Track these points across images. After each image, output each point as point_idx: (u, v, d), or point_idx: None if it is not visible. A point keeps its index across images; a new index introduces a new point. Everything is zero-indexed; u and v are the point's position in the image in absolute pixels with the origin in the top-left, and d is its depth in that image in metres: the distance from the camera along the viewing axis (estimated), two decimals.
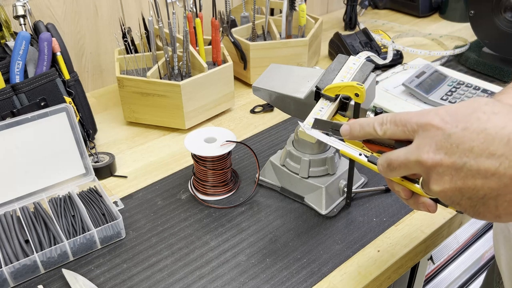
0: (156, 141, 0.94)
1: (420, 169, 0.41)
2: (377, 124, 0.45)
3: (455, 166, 0.39)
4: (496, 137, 0.37)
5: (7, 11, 0.85)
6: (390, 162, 0.44)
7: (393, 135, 0.44)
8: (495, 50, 1.13)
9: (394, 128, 0.44)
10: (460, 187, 0.39)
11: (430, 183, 0.41)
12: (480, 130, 0.38)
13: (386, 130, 0.45)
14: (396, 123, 0.44)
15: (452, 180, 0.39)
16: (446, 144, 0.39)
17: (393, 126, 0.44)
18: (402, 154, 0.43)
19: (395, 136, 0.44)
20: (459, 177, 0.39)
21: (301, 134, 0.72)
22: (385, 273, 0.66)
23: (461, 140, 0.38)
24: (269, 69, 0.76)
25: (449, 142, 0.39)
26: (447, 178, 0.39)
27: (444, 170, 0.39)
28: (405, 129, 0.43)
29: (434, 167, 0.40)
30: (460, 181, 0.39)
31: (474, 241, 1.13)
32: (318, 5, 1.54)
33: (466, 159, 0.38)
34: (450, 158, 0.39)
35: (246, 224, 0.73)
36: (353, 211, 0.75)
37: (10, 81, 0.79)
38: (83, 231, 0.69)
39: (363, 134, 0.47)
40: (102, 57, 1.11)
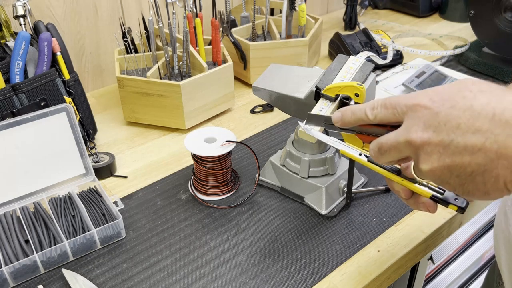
0: (156, 141, 0.94)
1: (410, 150, 0.42)
2: (368, 109, 0.46)
3: (443, 144, 0.39)
4: (482, 113, 0.38)
5: (7, 11, 0.85)
6: (381, 145, 0.44)
7: (383, 119, 0.45)
8: (495, 50, 1.13)
9: (385, 111, 0.44)
10: (449, 164, 0.39)
11: (419, 163, 0.41)
12: (466, 107, 0.39)
13: (376, 114, 0.45)
14: (386, 106, 0.44)
15: (441, 158, 0.39)
16: (434, 123, 0.40)
17: (383, 109, 0.44)
18: (392, 137, 0.43)
19: (385, 120, 0.45)
20: (447, 154, 0.39)
21: (301, 134, 0.72)
22: (385, 273, 0.66)
23: (448, 117, 0.39)
24: (269, 69, 0.76)
25: (437, 121, 0.39)
26: (435, 157, 0.40)
27: (432, 149, 0.40)
28: (395, 112, 0.43)
29: (422, 146, 0.40)
30: (448, 159, 0.39)
31: (474, 241, 1.13)
32: (318, 5, 1.54)
33: (453, 136, 0.38)
34: (438, 136, 0.39)
35: (246, 224, 0.73)
36: (353, 211, 0.75)
37: (10, 81, 0.79)
38: (83, 231, 0.69)
39: (354, 120, 0.48)
40: (102, 57, 1.11)
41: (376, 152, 0.45)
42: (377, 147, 0.45)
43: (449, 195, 0.48)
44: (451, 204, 0.48)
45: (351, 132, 0.51)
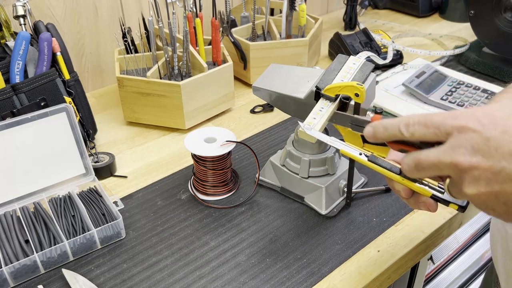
0: (156, 141, 0.94)
1: (453, 172, 0.40)
2: (403, 126, 0.43)
3: (493, 170, 0.37)
4: None
5: (7, 11, 0.85)
6: (419, 162, 0.42)
7: (422, 137, 0.42)
8: (495, 50, 1.13)
9: (424, 129, 0.42)
10: (497, 191, 0.38)
11: (463, 186, 0.40)
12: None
13: (414, 132, 0.43)
14: (427, 125, 0.41)
15: (489, 184, 0.38)
16: (484, 147, 0.38)
17: (422, 127, 0.42)
18: (433, 155, 0.41)
19: (424, 138, 0.42)
20: (496, 181, 0.38)
21: (301, 134, 0.72)
22: (385, 273, 0.66)
23: (500, 143, 0.37)
24: (269, 69, 0.76)
25: (487, 145, 0.38)
26: (483, 182, 0.38)
27: (480, 174, 0.38)
28: (437, 132, 0.41)
29: (470, 169, 0.38)
30: (498, 185, 0.38)
31: (474, 241, 1.13)
32: (318, 5, 1.54)
33: (505, 163, 0.37)
34: (488, 162, 0.38)
35: (246, 224, 0.73)
36: (353, 211, 0.75)
37: (10, 81, 0.79)
38: (83, 231, 0.69)
39: (387, 136, 0.46)
40: (102, 57, 1.11)
41: (412, 167, 0.43)
42: (414, 162, 0.43)
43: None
44: (452, 203, 0.48)
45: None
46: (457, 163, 0.39)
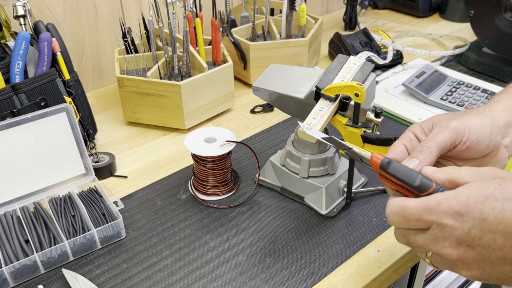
0: (156, 141, 0.94)
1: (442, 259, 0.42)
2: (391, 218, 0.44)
3: (482, 257, 0.39)
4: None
5: (7, 11, 0.85)
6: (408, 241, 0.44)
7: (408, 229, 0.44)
8: (495, 50, 1.13)
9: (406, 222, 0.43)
10: (489, 271, 0.40)
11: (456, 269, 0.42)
12: (498, 221, 0.38)
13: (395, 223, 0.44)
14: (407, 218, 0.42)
15: (480, 267, 0.40)
16: (467, 238, 0.39)
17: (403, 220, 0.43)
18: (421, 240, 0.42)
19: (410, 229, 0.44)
20: (487, 264, 0.39)
21: (301, 134, 0.72)
22: (385, 273, 0.66)
23: (482, 233, 0.39)
24: (269, 69, 0.76)
25: (470, 236, 0.39)
26: (474, 266, 0.40)
27: (470, 262, 0.40)
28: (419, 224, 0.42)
29: (458, 260, 0.40)
30: (489, 267, 0.39)
31: None
32: (318, 5, 1.54)
33: (491, 251, 0.39)
34: (474, 250, 0.39)
35: (246, 224, 0.73)
36: (353, 211, 0.75)
37: (10, 81, 0.79)
38: (83, 231, 0.69)
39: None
40: (102, 57, 1.11)
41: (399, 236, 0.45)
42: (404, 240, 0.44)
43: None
44: None
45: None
46: (445, 255, 0.41)
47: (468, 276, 0.41)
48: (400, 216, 0.43)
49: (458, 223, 0.39)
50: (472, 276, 0.41)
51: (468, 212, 0.39)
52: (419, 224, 0.42)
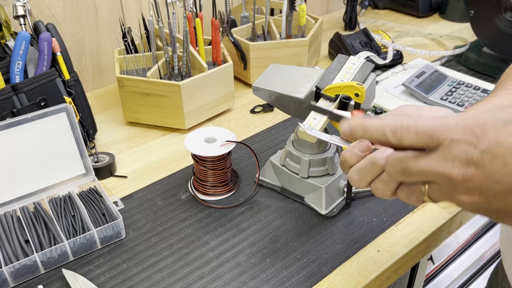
0: (156, 141, 0.94)
1: (444, 181, 0.39)
2: (390, 131, 0.41)
3: (487, 182, 0.37)
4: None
5: (7, 11, 0.85)
6: (407, 168, 0.40)
7: (411, 145, 0.40)
8: (495, 50, 1.13)
9: (415, 138, 0.40)
10: (490, 200, 0.38)
11: (457, 195, 0.39)
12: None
13: (402, 139, 0.40)
14: (418, 133, 0.39)
15: (483, 192, 0.38)
16: (478, 160, 0.37)
17: (413, 135, 0.40)
18: (424, 164, 0.39)
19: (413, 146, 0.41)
20: (489, 193, 0.37)
21: (301, 134, 0.72)
22: (385, 273, 0.66)
23: (494, 157, 0.37)
24: (269, 69, 0.76)
25: (481, 158, 0.37)
26: (477, 192, 0.38)
27: (474, 185, 0.38)
28: (429, 141, 0.39)
29: (463, 181, 0.38)
30: (491, 195, 0.37)
31: (474, 241, 1.13)
32: (318, 5, 1.54)
33: (499, 176, 0.37)
34: (482, 174, 0.37)
35: (246, 224, 0.73)
36: (353, 211, 0.75)
37: (10, 81, 0.79)
38: (83, 231, 0.69)
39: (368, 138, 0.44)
40: (102, 57, 1.11)
41: (398, 172, 0.41)
42: (401, 168, 0.41)
43: None
44: None
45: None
46: (450, 175, 0.38)
47: (467, 202, 0.39)
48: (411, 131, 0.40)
49: (472, 143, 0.37)
50: (472, 202, 0.38)
51: (484, 134, 0.37)
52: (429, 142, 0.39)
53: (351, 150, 0.47)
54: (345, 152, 0.47)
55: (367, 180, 0.46)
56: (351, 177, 0.48)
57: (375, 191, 0.47)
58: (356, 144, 0.46)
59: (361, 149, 0.46)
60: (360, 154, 0.46)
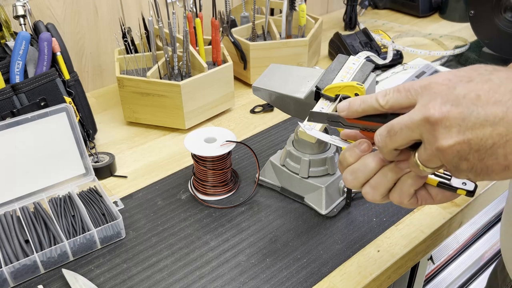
0: (156, 141, 0.94)
1: (425, 129, 0.40)
2: (380, 96, 0.44)
3: (463, 116, 0.38)
4: (501, 85, 0.37)
5: (7, 11, 0.85)
6: (391, 126, 0.42)
7: (395, 103, 0.43)
8: (495, 50, 1.13)
9: (397, 95, 0.43)
10: (469, 138, 0.38)
11: (437, 141, 0.39)
12: (484, 80, 0.38)
13: (388, 100, 0.43)
14: (399, 90, 0.43)
15: (460, 131, 0.38)
16: (452, 96, 0.39)
17: (396, 93, 0.43)
18: (406, 116, 0.41)
19: (398, 104, 0.43)
20: (467, 127, 0.38)
21: (301, 134, 0.72)
22: (385, 273, 0.66)
23: (467, 90, 0.38)
24: (269, 69, 0.76)
25: (455, 94, 0.38)
26: (455, 130, 0.38)
27: (451, 123, 0.38)
28: (408, 94, 0.42)
29: (441, 120, 0.39)
30: (469, 131, 0.38)
31: (474, 241, 1.13)
32: (318, 5, 1.54)
33: (474, 107, 0.37)
34: (457, 108, 0.38)
35: (246, 224, 0.73)
36: (353, 211, 0.75)
37: (10, 81, 0.79)
38: (83, 231, 0.69)
39: (363, 108, 0.46)
40: (102, 57, 1.11)
41: (385, 136, 0.43)
42: (386, 130, 0.43)
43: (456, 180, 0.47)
44: (460, 188, 0.47)
45: (356, 128, 0.49)
46: (428, 117, 0.39)
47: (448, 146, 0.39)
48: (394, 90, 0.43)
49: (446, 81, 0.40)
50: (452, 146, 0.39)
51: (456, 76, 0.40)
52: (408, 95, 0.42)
53: (352, 149, 0.48)
54: (345, 151, 0.48)
55: (360, 181, 0.47)
56: (345, 177, 0.49)
57: (365, 196, 0.48)
58: (357, 144, 0.47)
59: (362, 149, 0.47)
60: (360, 153, 0.47)
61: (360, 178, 0.47)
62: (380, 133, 0.44)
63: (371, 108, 0.45)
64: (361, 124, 0.48)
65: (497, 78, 0.38)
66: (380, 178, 0.46)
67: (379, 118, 0.46)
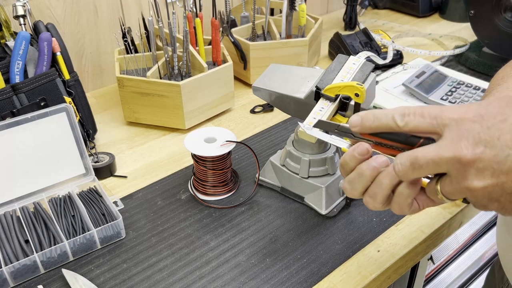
0: (156, 141, 0.94)
1: (453, 167, 0.38)
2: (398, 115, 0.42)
3: (498, 159, 0.36)
4: None
5: (7, 11, 0.85)
6: (416, 159, 0.40)
7: (416, 128, 0.41)
8: (495, 50, 1.13)
9: (420, 120, 0.40)
10: (503, 181, 0.37)
11: (468, 181, 0.38)
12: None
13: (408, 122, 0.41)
14: (424, 115, 0.40)
15: (494, 174, 0.37)
16: (486, 137, 0.37)
17: (418, 117, 0.40)
18: (432, 151, 0.39)
19: (418, 129, 0.41)
20: (502, 171, 0.36)
21: (301, 134, 0.72)
22: (385, 273, 0.66)
23: (502, 132, 0.36)
24: (269, 69, 0.76)
25: (489, 135, 0.37)
26: (488, 173, 0.37)
27: (485, 165, 0.37)
28: (433, 122, 0.39)
29: (474, 161, 0.37)
30: (503, 175, 0.36)
31: (474, 241, 1.13)
32: (318, 5, 1.54)
33: (509, 151, 0.36)
34: (492, 151, 0.36)
35: (246, 224, 0.73)
36: (353, 211, 0.75)
37: (10, 81, 0.79)
38: (83, 231, 0.69)
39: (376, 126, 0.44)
40: (102, 57, 1.11)
41: (407, 166, 0.40)
42: (410, 161, 0.40)
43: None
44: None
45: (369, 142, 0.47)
46: (460, 157, 0.37)
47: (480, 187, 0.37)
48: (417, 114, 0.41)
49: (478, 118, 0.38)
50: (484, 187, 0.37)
51: (489, 113, 0.38)
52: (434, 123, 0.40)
53: (351, 153, 0.47)
54: (345, 155, 0.48)
55: (359, 190, 0.47)
56: (344, 187, 0.48)
57: (367, 205, 0.47)
58: (355, 147, 0.46)
59: (360, 152, 0.46)
60: (359, 157, 0.46)
61: (358, 188, 0.47)
62: (402, 162, 0.41)
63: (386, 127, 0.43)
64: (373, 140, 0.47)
65: None
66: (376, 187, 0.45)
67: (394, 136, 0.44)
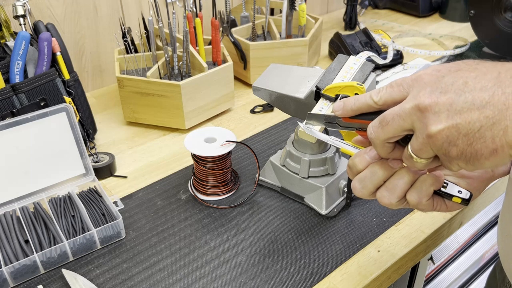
0: (156, 141, 0.94)
1: (415, 116, 0.41)
2: (374, 93, 0.46)
3: (451, 101, 0.40)
4: (487, 73, 0.40)
5: (7, 11, 0.84)
6: (383, 117, 0.44)
7: (389, 98, 0.44)
8: (495, 50, 1.13)
9: (390, 90, 0.44)
10: (457, 122, 0.39)
11: (427, 127, 0.41)
12: (472, 69, 0.41)
13: (382, 96, 0.45)
14: (392, 86, 0.45)
15: (449, 116, 0.40)
16: (441, 84, 0.41)
17: (389, 89, 0.45)
18: (397, 106, 0.43)
19: (391, 99, 0.44)
20: (455, 111, 0.39)
21: (301, 134, 0.72)
22: (385, 273, 0.66)
23: (455, 78, 0.40)
24: (269, 69, 0.76)
25: (443, 82, 0.41)
26: (444, 115, 0.40)
27: (440, 108, 0.40)
28: (400, 88, 0.44)
29: (430, 106, 0.40)
30: (457, 116, 0.39)
31: (474, 241, 1.13)
32: (318, 5, 1.54)
33: (461, 93, 0.39)
34: (446, 95, 0.40)
35: (246, 224, 0.73)
36: (353, 211, 0.75)
37: (10, 81, 0.79)
38: (83, 231, 0.69)
39: (357, 106, 0.47)
40: (102, 57, 1.11)
41: (377, 126, 0.44)
42: (378, 120, 0.44)
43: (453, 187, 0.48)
44: (455, 196, 0.47)
45: (352, 129, 0.49)
46: (418, 104, 0.41)
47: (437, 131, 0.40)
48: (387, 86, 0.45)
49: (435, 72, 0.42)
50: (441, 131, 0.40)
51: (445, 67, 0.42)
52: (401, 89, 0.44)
53: (361, 156, 0.49)
54: (355, 157, 0.49)
55: (369, 189, 0.48)
56: (354, 186, 0.49)
57: (381, 200, 0.48)
58: (367, 151, 0.48)
59: (372, 156, 0.48)
60: (370, 160, 0.48)
61: (369, 186, 0.48)
62: (372, 124, 0.45)
63: (366, 106, 0.47)
64: (357, 124, 0.49)
65: (483, 67, 0.41)
66: (397, 180, 0.47)
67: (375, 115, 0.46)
